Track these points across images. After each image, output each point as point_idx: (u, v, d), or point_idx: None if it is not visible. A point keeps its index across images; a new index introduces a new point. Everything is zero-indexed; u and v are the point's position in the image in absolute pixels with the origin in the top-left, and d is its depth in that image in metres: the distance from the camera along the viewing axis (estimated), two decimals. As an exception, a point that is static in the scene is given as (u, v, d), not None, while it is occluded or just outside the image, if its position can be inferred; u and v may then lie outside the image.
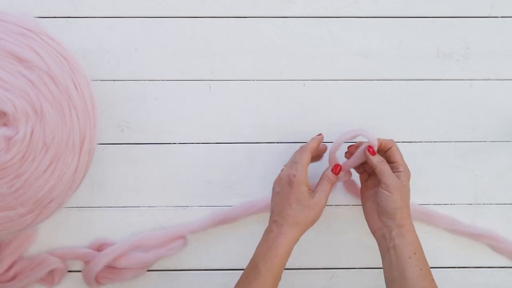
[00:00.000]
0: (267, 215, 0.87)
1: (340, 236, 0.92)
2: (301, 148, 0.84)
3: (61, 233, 0.90)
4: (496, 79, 0.93)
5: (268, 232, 0.80)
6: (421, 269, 0.76)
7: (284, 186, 0.80)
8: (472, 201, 0.93)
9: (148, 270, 0.91)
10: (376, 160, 0.81)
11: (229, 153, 0.92)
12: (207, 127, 0.91)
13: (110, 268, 0.88)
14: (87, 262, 0.89)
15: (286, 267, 0.90)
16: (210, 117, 0.91)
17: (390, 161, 0.82)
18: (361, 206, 0.85)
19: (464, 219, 0.93)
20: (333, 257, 0.93)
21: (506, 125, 0.93)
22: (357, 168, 0.86)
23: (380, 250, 0.81)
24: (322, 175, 0.83)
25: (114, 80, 0.91)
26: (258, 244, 0.80)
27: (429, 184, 0.93)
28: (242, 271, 0.80)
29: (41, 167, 0.79)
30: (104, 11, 0.90)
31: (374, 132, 0.92)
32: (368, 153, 0.81)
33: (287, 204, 0.79)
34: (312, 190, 0.81)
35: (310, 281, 0.93)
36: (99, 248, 0.89)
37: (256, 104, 0.92)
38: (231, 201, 0.91)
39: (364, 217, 0.85)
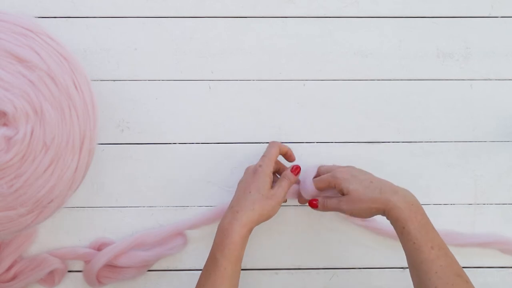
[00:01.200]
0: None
1: (339, 236, 0.92)
2: (270, 144, 0.86)
3: (61, 233, 0.90)
4: (496, 79, 0.93)
5: (223, 219, 0.80)
6: (414, 243, 0.75)
7: (248, 175, 0.83)
8: (472, 201, 0.93)
9: (148, 270, 0.91)
10: (320, 209, 0.84)
11: (229, 153, 0.92)
12: (207, 127, 0.91)
13: (111, 267, 0.89)
14: (87, 262, 0.89)
15: (287, 267, 0.90)
16: (210, 117, 0.91)
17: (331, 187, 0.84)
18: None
19: (464, 219, 0.93)
20: (333, 257, 0.93)
21: (506, 125, 0.93)
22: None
23: None
24: (283, 174, 0.85)
25: (114, 80, 0.91)
26: (215, 234, 0.80)
27: (429, 184, 0.93)
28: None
29: (41, 167, 0.79)
30: (104, 11, 0.90)
31: (374, 132, 0.92)
32: (314, 208, 0.85)
33: (247, 191, 0.81)
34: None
35: (310, 281, 0.93)
36: (99, 247, 0.89)
37: (256, 104, 0.92)
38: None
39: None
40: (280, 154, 0.87)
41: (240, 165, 0.91)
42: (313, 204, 0.85)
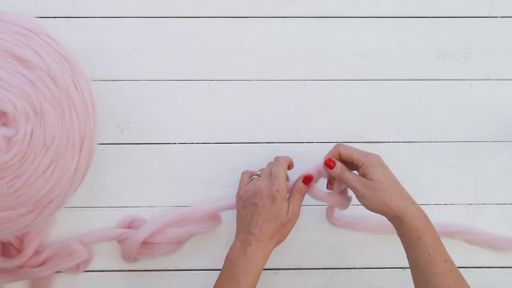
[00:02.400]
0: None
1: (339, 236, 0.92)
2: (277, 161, 0.83)
3: (61, 233, 0.90)
4: (496, 79, 0.93)
5: (246, 244, 0.79)
6: (429, 254, 0.74)
7: (265, 200, 0.79)
8: (472, 201, 0.93)
9: (148, 270, 0.91)
10: (334, 174, 0.80)
11: (229, 153, 0.92)
12: (207, 127, 0.91)
13: (145, 243, 0.89)
14: (121, 241, 0.89)
15: (287, 267, 0.90)
16: (210, 117, 0.91)
17: (348, 163, 0.81)
18: (361, 206, 0.84)
19: (464, 219, 0.93)
20: (333, 257, 0.93)
21: (506, 125, 0.93)
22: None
23: None
24: (293, 187, 0.82)
25: (114, 80, 0.91)
26: (234, 255, 0.79)
27: (429, 184, 0.93)
28: (218, 282, 0.79)
29: (41, 167, 0.79)
30: (104, 11, 0.90)
31: (374, 132, 0.92)
32: (326, 168, 0.80)
33: (267, 218, 0.79)
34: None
35: (310, 281, 0.93)
36: (130, 225, 0.90)
37: (256, 104, 0.92)
38: (231, 201, 0.91)
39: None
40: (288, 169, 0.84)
41: (240, 165, 0.91)
42: (330, 164, 0.80)
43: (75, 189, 0.83)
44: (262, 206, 0.79)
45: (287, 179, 0.84)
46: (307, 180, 0.82)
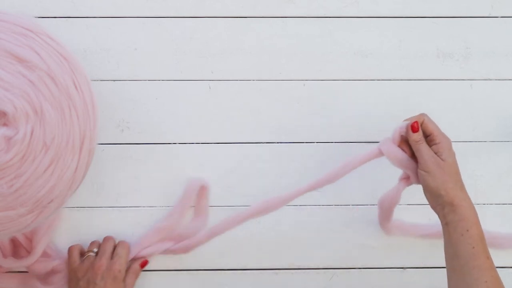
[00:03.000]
0: (270, 214, 0.88)
1: (340, 236, 0.92)
2: (122, 243, 0.87)
3: (61, 233, 0.90)
4: (496, 79, 0.93)
5: None
6: (473, 247, 0.74)
7: (107, 281, 0.82)
8: (472, 201, 0.93)
9: (148, 270, 0.91)
10: (413, 139, 0.80)
11: (229, 153, 0.91)
12: (207, 127, 0.91)
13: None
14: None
15: (286, 267, 0.90)
16: (210, 117, 0.91)
17: (425, 135, 0.81)
18: (361, 206, 0.85)
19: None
20: (333, 257, 0.93)
21: (506, 125, 0.93)
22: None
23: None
24: (130, 268, 0.87)
25: (114, 80, 0.91)
26: None
27: (429, 184, 0.93)
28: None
29: (41, 167, 0.79)
30: (104, 11, 0.90)
31: (374, 132, 0.92)
32: (409, 129, 0.80)
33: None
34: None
35: (310, 281, 0.93)
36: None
37: (256, 104, 0.92)
38: (231, 201, 0.91)
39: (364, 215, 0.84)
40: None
41: (240, 165, 0.91)
42: (415, 127, 0.80)
43: (75, 189, 0.83)
44: (104, 286, 0.82)
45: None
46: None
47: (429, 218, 0.90)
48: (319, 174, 0.86)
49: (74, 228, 0.91)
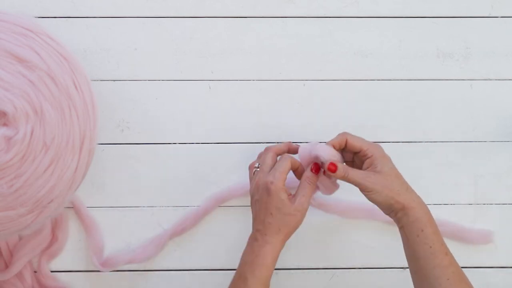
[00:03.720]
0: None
1: (340, 236, 0.92)
2: (283, 155, 0.81)
3: (61, 233, 0.90)
4: (496, 79, 0.93)
5: (252, 240, 0.78)
6: (430, 247, 0.74)
7: (262, 194, 0.78)
8: (472, 201, 0.93)
9: (148, 270, 0.91)
10: (338, 175, 0.77)
11: (229, 153, 0.92)
12: (207, 127, 0.91)
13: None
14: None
15: (286, 267, 0.90)
16: (210, 117, 0.91)
17: (354, 152, 0.80)
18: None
19: (464, 219, 0.93)
20: (333, 257, 0.93)
21: (506, 125, 0.93)
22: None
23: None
24: (302, 177, 0.80)
25: (114, 80, 0.91)
26: (244, 253, 0.79)
27: (429, 184, 0.93)
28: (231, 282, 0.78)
29: (41, 167, 0.79)
30: (104, 11, 0.90)
31: (374, 132, 0.92)
32: (330, 173, 0.77)
33: (268, 212, 0.77)
34: (292, 195, 0.79)
35: (310, 281, 0.93)
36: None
37: (256, 104, 0.92)
38: (231, 201, 0.91)
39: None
40: (292, 169, 0.81)
41: (240, 165, 0.91)
42: (332, 168, 0.77)
43: (75, 189, 0.83)
44: (261, 200, 0.78)
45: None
46: (316, 169, 0.80)
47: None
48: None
49: (74, 228, 0.91)
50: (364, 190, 0.77)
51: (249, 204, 0.89)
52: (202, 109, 0.91)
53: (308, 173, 0.79)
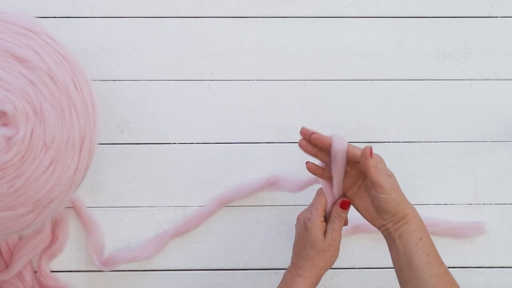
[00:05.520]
0: (270, 214, 0.87)
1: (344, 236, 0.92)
2: (319, 189, 0.81)
3: (61, 233, 0.91)
4: (496, 79, 0.93)
5: (286, 273, 0.80)
6: (428, 255, 0.74)
7: (300, 229, 0.79)
8: (472, 201, 0.93)
9: (148, 270, 0.91)
10: (372, 164, 0.75)
11: (229, 153, 0.92)
12: (207, 127, 0.91)
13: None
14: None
15: (285, 267, 0.89)
16: (210, 117, 0.91)
17: (355, 164, 0.78)
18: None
19: (464, 219, 0.93)
20: (333, 257, 0.93)
21: (506, 125, 0.93)
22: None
23: (386, 241, 0.78)
24: (331, 212, 0.80)
25: (114, 80, 0.91)
26: (278, 286, 0.80)
27: (429, 184, 0.93)
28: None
29: (41, 167, 0.79)
30: (104, 11, 0.90)
31: (374, 132, 0.92)
32: (367, 154, 0.75)
33: (303, 246, 0.78)
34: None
35: (310, 281, 0.93)
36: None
37: (256, 104, 0.92)
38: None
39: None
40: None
41: (240, 165, 0.91)
42: (371, 152, 0.74)
43: (75, 189, 0.83)
44: (299, 235, 0.80)
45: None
46: (345, 204, 0.79)
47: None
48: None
49: (74, 228, 0.91)
50: (383, 192, 0.75)
51: (250, 204, 0.90)
52: (202, 109, 0.91)
53: (336, 209, 0.79)
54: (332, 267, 0.92)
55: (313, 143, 0.78)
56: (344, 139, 0.77)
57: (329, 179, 0.79)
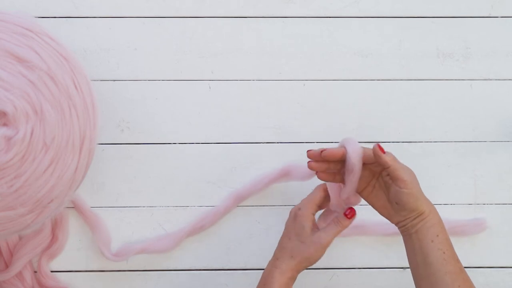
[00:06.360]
0: (270, 214, 0.88)
1: (340, 236, 0.92)
2: (318, 185, 0.81)
3: (61, 233, 0.91)
4: (496, 79, 0.93)
5: (267, 265, 0.79)
6: (444, 252, 0.73)
7: (289, 220, 0.79)
8: (472, 201, 0.93)
9: (148, 270, 0.92)
10: (388, 158, 0.75)
11: (229, 153, 0.92)
12: (207, 127, 0.92)
13: None
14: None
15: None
16: (210, 117, 0.92)
17: (372, 163, 0.78)
18: (360, 206, 0.84)
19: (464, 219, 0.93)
20: (333, 257, 0.93)
21: (506, 125, 0.93)
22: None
23: (402, 236, 0.78)
24: (334, 218, 0.79)
25: (114, 80, 0.91)
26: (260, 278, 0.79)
27: (429, 184, 0.93)
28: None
29: (41, 167, 0.79)
30: (104, 11, 0.90)
31: (374, 132, 0.92)
32: (380, 152, 0.75)
33: (287, 237, 0.78)
34: (318, 228, 0.79)
35: (310, 281, 0.93)
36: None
37: (256, 104, 0.92)
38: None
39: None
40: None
41: (240, 165, 0.92)
42: (382, 148, 0.74)
43: (75, 189, 0.83)
44: (286, 226, 0.79)
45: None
46: (351, 215, 0.79)
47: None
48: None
49: (74, 228, 0.91)
50: (403, 183, 0.74)
51: (249, 204, 0.90)
52: (202, 109, 0.91)
53: (341, 218, 0.79)
54: (332, 267, 0.92)
55: (325, 160, 0.78)
56: (357, 144, 0.76)
57: (341, 181, 0.79)
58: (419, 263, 0.75)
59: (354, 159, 0.76)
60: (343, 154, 0.77)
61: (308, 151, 0.79)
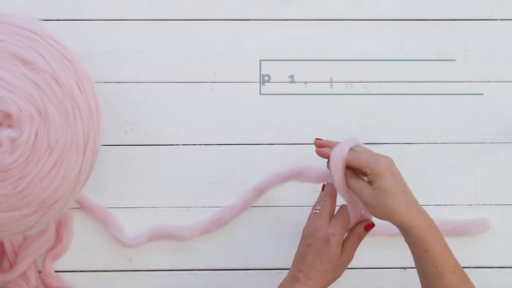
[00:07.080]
0: (272, 214, 0.88)
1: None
2: (343, 205, 0.80)
3: (65, 234, 0.91)
4: (496, 81, 0.93)
5: (294, 281, 0.78)
6: (436, 267, 0.72)
7: (319, 241, 0.77)
8: (472, 202, 0.93)
9: (149, 270, 0.92)
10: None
11: (231, 154, 0.92)
12: (209, 128, 0.92)
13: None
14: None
15: (288, 267, 0.90)
16: (212, 119, 0.92)
17: (354, 169, 0.78)
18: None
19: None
20: (334, 257, 0.93)
21: (506, 126, 0.93)
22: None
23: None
24: (352, 231, 0.79)
25: (117, 82, 0.91)
26: None
27: (429, 185, 0.93)
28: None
29: (45, 168, 0.79)
30: (108, 14, 0.91)
31: (374, 132, 0.93)
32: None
33: (318, 260, 0.77)
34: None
35: (311, 281, 0.93)
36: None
37: (257, 106, 0.92)
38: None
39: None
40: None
41: (242, 166, 0.92)
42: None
43: (79, 190, 0.84)
44: (315, 246, 0.77)
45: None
46: (369, 227, 0.79)
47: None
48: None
49: (77, 229, 0.91)
50: (364, 202, 0.76)
51: (251, 204, 0.90)
52: (204, 111, 0.92)
53: (359, 229, 0.79)
54: (333, 267, 0.92)
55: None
56: (342, 151, 0.77)
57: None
58: (419, 273, 0.76)
59: (334, 166, 0.77)
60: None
61: (316, 139, 0.82)
